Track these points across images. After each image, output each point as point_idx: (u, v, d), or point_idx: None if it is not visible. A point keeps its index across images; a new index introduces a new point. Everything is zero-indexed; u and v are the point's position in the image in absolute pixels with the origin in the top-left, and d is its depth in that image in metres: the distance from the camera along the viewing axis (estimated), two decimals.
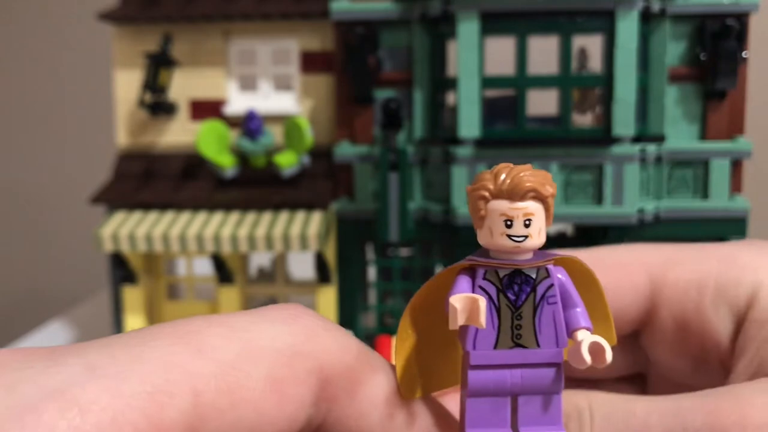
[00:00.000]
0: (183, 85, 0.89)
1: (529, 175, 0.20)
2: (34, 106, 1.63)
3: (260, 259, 1.02)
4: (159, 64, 0.86)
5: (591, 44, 0.84)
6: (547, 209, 0.20)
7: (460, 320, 0.19)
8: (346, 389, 0.19)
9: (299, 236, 0.80)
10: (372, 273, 0.87)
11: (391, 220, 0.80)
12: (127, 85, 0.90)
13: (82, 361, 0.16)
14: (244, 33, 0.88)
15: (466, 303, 0.19)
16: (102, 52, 1.20)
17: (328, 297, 0.85)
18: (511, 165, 0.20)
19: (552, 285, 0.21)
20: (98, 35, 1.18)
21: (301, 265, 1.01)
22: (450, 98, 0.82)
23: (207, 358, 0.17)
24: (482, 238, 0.20)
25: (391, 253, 0.86)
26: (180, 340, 0.17)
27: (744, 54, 0.77)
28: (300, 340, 0.19)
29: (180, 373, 0.17)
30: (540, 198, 0.20)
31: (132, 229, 0.82)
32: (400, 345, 0.21)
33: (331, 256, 0.84)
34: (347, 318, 0.85)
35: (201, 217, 0.85)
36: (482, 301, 0.19)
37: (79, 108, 1.59)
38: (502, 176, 0.20)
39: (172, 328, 0.18)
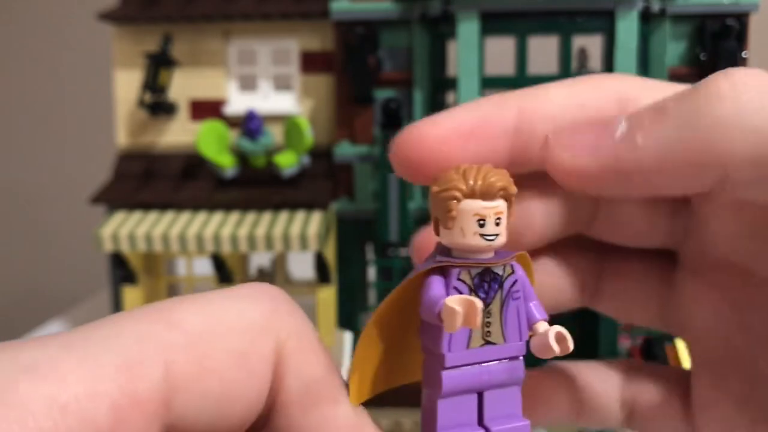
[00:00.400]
0: (183, 85, 0.89)
1: (496, 174, 0.20)
2: (34, 106, 1.63)
3: (260, 259, 1.02)
4: (159, 64, 0.86)
5: (591, 44, 0.84)
6: (510, 207, 0.20)
7: (459, 322, 0.19)
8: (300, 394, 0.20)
9: (299, 236, 0.80)
10: (372, 273, 0.87)
11: (391, 220, 0.80)
12: (127, 85, 0.90)
13: (57, 342, 0.17)
14: (244, 33, 0.88)
15: (463, 305, 0.19)
16: (102, 52, 1.20)
17: (328, 297, 0.85)
18: (474, 165, 0.20)
19: (516, 281, 0.21)
20: (98, 35, 1.18)
21: (301, 265, 1.01)
22: (450, 98, 0.82)
23: (177, 331, 0.18)
24: (451, 238, 0.21)
25: (391, 253, 0.86)
26: (152, 317, 0.18)
27: (744, 54, 0.77)
28: (264, 318, 0.19)
29: (152, 345, 0.17)
30: (507, 197, 0.20)
31: (132, 229, 0.82)
32: (360, 351, 0.21)
33: (331, 256, 0.84)
34: (347, 318, 0.85)
35: (201, 217, 0.85)
36: (479, 303, 0.19)
37: (79, 108, 1.59)
38: (472, 176, 0.20)
39: (144, 308, 0.18)
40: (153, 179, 0.89)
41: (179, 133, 0.90)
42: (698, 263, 0.25)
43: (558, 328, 0.21)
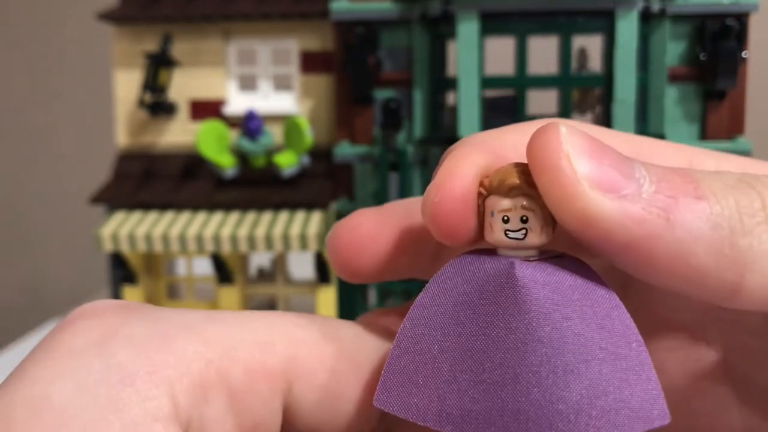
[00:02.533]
0: (183, 85, 0.89)
1: (522, 171, 0.19)
2: (35, 106, 1.63)
3: (260, 259, 1.02)
4: (159, 64, 0.86)
5: (591, 44, 0.84)
6: (542, 207, 0.20)
7: None
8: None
9: (299, 236, 0.80)
10: None
11: None
12: (127, 85, 0.90)
13: (202, 312, 0.20)
14: (244, 33, 0.88)
15: None
16: (102, 52, 1.20)
17: (328, 297, 0.85)
18: (517, 162, 0.20)
19: None
20: (98, 35, 1.18)
21: (301, 265, 1.01)
22: (450, 98, 0.82)
23: (302, 329, 0.20)
24: (486, 234, 0.20)
25: None
26: (279, 313, 0.21)
27: (744, 54, 0.77)
28: (363, 332, 0.22)
29: (281, 332, 0.20)
30: (530, 195, 0.19)
31: (132, 229, 0.82)
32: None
33: None
34: (347, 318, 0.85)
35: (201, 217, 0.85)
36: None
37: (79, 108, 1.59)
38: (498, 172, 0.20)
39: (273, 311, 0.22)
40: (153, 179, 0.89)
41: (179, 133, 0.90)
42: (642, 321, 0.22)
43: None
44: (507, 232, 0.19)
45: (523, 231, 0.19)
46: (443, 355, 0.19)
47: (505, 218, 0.19)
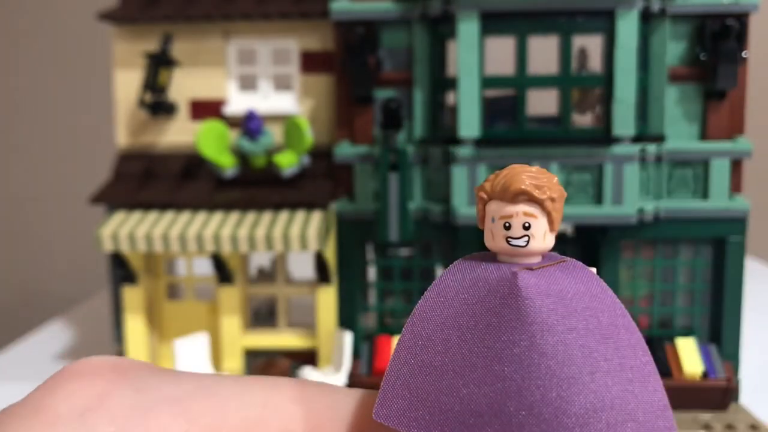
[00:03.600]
0: (183, 85, 0.89)
1: (526, 176, 0.19)
2: (35, 106, 1.63)
3: (260, 259, 1.02)
4: (159, 64, 0.86)
5: (591, 44, 0.84)
6: (547, 213, 0.19)
7: None
8: None
9: (299, 236, 0.80)
10: (372, 273, 0.87)
11: (391, 220, 0.80)
12: (127, 85, 0.90)
13: (196, 382, 0.19)
14: (244, 33, 0.88)
15: None
16: (102, 52, 1.20)
17: (328, 297, 0.85)
18: (519, 166, 0.19)
19: None
20: (98, 35, 1.18)
21: (301, 265, 1.01)
22: (450, 98, 0.82)
23: (300, 405, 0.19)
24: (487, 240, 0.20)
25: (391, 253, 0.86)
26: (279, 384, 0.19)
27: (744, 54, 0.77)
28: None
29: (275, 410, 0.19)
30: (535, 201, 0.19)
31: (132, 229, 0.82)
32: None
33: (331, 256, 0.84)
34: (347, 318, 0.85)
35: (201, 217, 0.85)
36: None
37: (79, 108, 1.59)
38: (501, 176, 0.19)
39: (273, 378, 0.20)
40: (153, 179, 0.89)
41: (179, 133, 0.90)
42: None
43: None
44: (509, 239, 0.19)
45: (526, 238, 0.19)
46: (445, 367, 0.18)
47: (507, 225, 0.19)
